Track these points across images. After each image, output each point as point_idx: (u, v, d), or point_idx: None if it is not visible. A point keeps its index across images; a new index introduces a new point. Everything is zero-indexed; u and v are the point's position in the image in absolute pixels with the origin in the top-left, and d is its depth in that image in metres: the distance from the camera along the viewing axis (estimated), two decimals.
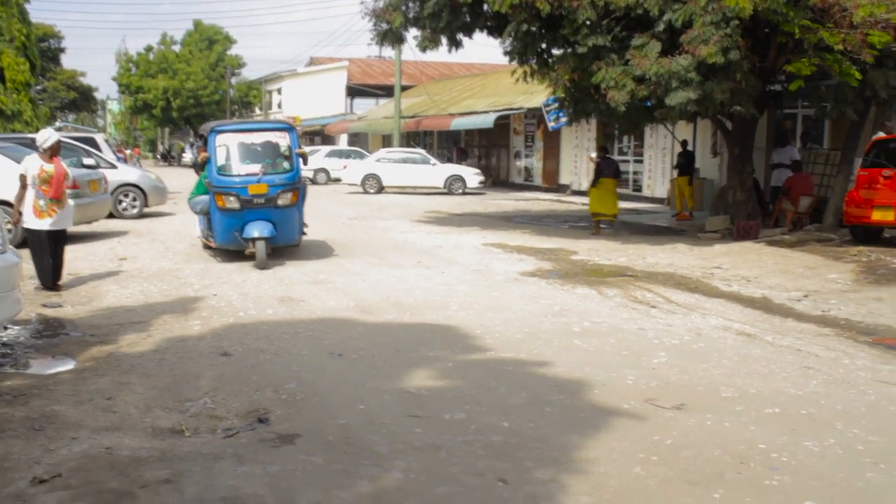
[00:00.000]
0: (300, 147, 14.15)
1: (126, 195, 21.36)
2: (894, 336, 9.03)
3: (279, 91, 65.46)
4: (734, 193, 17.96)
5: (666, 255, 14.93)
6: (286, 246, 14.12)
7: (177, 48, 70.94)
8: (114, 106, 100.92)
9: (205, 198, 13.94)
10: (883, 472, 5.13)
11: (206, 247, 14.70)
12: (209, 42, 70.35)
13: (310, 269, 13.11)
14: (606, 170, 19.06)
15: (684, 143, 22.94)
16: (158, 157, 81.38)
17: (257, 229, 13.16)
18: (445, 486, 4.93)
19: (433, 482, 4.99)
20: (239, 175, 13.51)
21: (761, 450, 5.46)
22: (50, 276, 11.24)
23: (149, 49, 70.97)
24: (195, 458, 5.35)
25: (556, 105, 23.77)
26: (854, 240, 15.61)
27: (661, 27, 14.97)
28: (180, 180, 35.48)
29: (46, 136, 11.27)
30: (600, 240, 17.52)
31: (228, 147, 13.81)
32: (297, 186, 13.67)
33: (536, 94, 30.19)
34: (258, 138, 14.16)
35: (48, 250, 11.16)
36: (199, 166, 14.44)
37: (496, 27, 17.77)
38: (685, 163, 22.42)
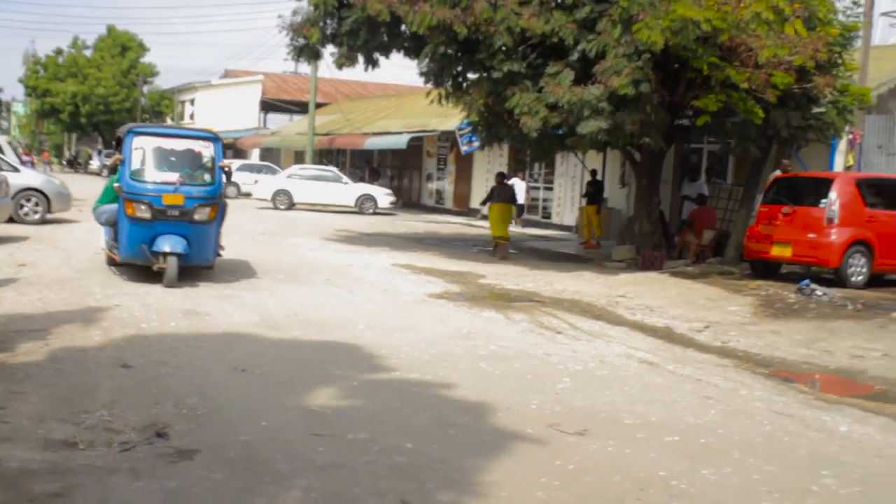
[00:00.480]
0: (223, 160, 13.15)
1: (28, 200, 20.66)
2: (789, 369, 9.30)
3: (192, 102, 64.48)
4: (641, 224, 18.30)
5: (573, 283, 15.12)
6: (197, 266, 12.99)
7: (89, 53, 69.39)
8: (19, 108, 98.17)
9: (113, 207, 12.84)
10: (777, 500, 5.25)
11: (111, 262, 13.53)
12: (122, 48, 68.93)
13: (217, 283, 12.89)
14: (497, 196, 19.53)
15: (594, 173, 23.32)
16: (64, 163, 79.38)
17: (169, 244, 12.03)
18: None
19: (334, 502, 4.93)
20: (154, 182, 12.33)
21: (661, 477, 5.54)
22: None
23: (59, 52, 69.21)
24: (88, 472, 5.19)
25: (470, 129, 23.95)
26: (754, 273, 16.05)
27: (575, 56, 15.23)
28: (86, 187, 34.61)
29: None
30: (508, 265, 17.65)
31: (145, 150, 12.67)
32: (216, 202, 12.57)
33: (451, 118, 30.34)
34: (179, 145, 13.04)
35: None
36: (111, 170, 13.61)
37: (413, 48, 17.82)
38: (594, 192, 22.78)
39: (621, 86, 14.25)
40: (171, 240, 12.12)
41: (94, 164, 60.19)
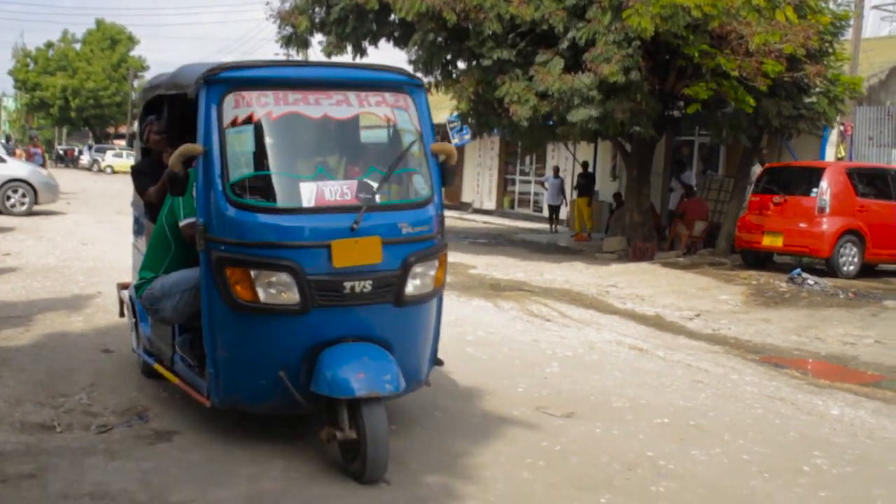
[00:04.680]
0: (437, 139, 5.82)
1: (15, 191, 20.48)
2: (780, 355, 9.20)
3: None
4: (631, 215, 18.19)
5: (563, 273, 15.00)
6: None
7: (78, 46, 69.06)
8: (9, 103, 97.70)
9: (180, 277, 5.56)
10: (766, 480, 5.15)
11: (149, 373, 6.66)
12: (112, 42, 68.63)
13: None
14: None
15: (585, 165, 23.21)
16: (54, 158, 79.05)
17: (355, 371, 4.95)
18: (323, 488, 4.78)
19: (313, 484, 4.83)
20: (298, 210, 5.14)
21: (649, 457, 5.43)
22: None
23: (49, 45, 68.92)
24: (63, 454, 5.10)
25: (460, 122, 23.83)
26: (745, 264, 15.96)
27: (565, 44, 15.12)
28: (75, 181, 34.56)
29: None
30: (499, 256, 17.53)
31: (264, 130, 5.28)
32: (442, 245, 5.61)
33: (441, 110, 30.15)
34: (340, 110, 5.49)
35: None
36: (141, 173, 6.67)
37: (402, 36, 17.73)
38: (585, 184, 22.67)
39: (611, 73, 14.13)
40: (362, 360, 5.04)
41: (85, 159, 59.78)
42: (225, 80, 5.11)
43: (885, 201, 15.43)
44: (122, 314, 7.51)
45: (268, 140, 5.21)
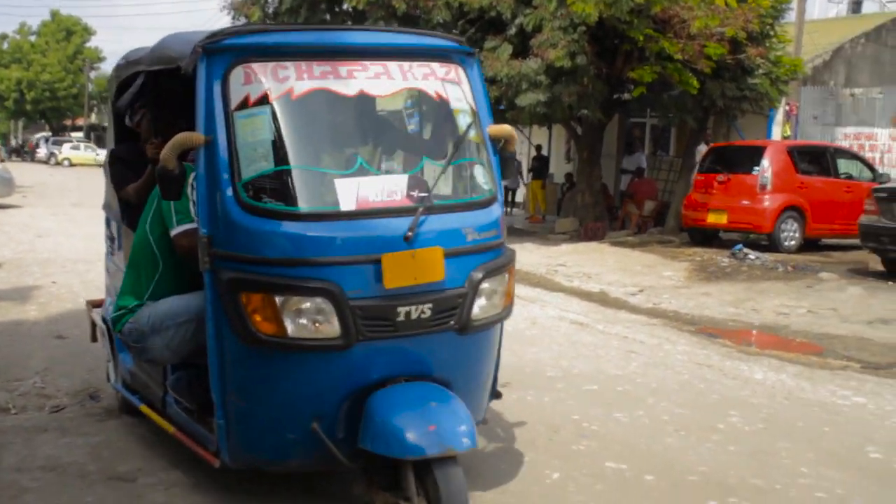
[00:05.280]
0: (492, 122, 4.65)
1: None
2: (716, 326, 9.59)
3: None
4: (583, 196, 18.54)
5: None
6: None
7: (33, 38, 68.34)
8: None
9: (174, 305, 4.38)
10: (681, 437, 5.50)
11: (127, 409, 5.62)
12: (67, 33, 67.99)
13: None
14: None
15: (538, 148, 23.57)
16: (8, 152, 78.20)
17: (421, 422, 3.75)
18: None
19: None
20: (335, 214, 3.94)
21: (574, 420, 5.77)
22: None
23: (3, 37, 68.18)
24: (17, 432, 5.33)
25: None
26: (692, 241, 16.38)
27: (513, 30, 15.42)
28: (32, 174, 34.42)
29: None
30: None
31: (288, 112, 3.99)
32: (509, 251, 4.61)
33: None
34: (379, 85, 4.21)
35: None
36: (122, 160, 5.50)
37: (354, 25, 17.92)
38: (539, 167, 23.03)
39: (557, 58, 14.44)
40: (428, 406, 3.88)
41: (42, 152, 59.19)
42: (230, 48, 3.91)
43: (825, 178, 15.90)
44: (93, 338, 6.27)
45: (290, 125, 3.95)
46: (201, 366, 4.17)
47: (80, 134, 66.53)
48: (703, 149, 17.30)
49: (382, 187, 3.98)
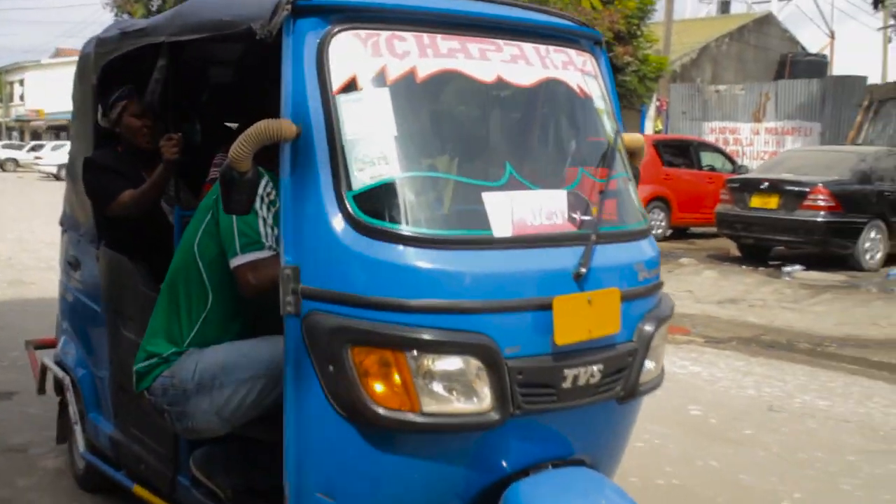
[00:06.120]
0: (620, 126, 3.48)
1: None
2: None
3: (21, 82, 62.37)
4: None
5: None
6: None
7: None
8: None
9: (243, 351, 3.08)
10: None
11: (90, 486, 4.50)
12: None
13: (43, 255, 13.08)
14: None
15: None
16: None
17: None
18: None
19: None
20: (486, 241, 2.70)
21: None
22: None
23: None
24: None
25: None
26: None
27: None
28: None
29: None
30: None
31: (413, 100, 2.86)
32: (667, 299, 3.33)
33: None
34: (518, 73, 2.99)
35: None
36: (109, 169, 4.04)
37: None
38: None
39: None
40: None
41: None
42: (332, 7, 2.75)
43: (690, 170, 16.91)
44: (41, 390, 5.02)
45: (417, 117, 2.91)
46: (236, 437, 3.22)
47: None
48: None
49: (540, 207, 2.83)
